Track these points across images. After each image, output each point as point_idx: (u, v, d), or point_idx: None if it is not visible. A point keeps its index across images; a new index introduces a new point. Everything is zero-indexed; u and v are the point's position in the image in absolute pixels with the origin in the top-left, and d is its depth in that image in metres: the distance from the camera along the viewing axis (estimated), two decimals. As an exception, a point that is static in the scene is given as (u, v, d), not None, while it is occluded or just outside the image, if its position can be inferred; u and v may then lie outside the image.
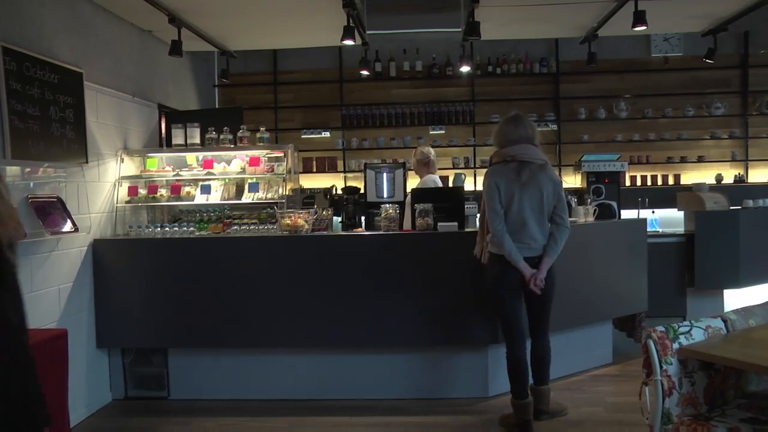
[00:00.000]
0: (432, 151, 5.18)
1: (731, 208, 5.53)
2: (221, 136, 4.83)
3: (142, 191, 4.82)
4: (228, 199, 4.81)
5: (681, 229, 5.59)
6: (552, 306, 3.79)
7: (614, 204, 4.96)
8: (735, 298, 5.42)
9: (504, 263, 3.62)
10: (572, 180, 6.81)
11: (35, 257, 3.74)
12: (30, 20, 3.77)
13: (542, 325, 3.80)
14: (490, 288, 3.76)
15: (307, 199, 5.35)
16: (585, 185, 5.13)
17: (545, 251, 3.64)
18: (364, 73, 6.87)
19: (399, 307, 4.17)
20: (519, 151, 3.61)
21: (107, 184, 4.60)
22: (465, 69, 6.84)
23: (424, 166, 5.08)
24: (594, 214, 4.74)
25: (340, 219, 5.25)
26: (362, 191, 5.35)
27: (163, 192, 4.84)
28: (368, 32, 5.55)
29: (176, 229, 4.59)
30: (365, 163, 5.34)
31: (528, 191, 3.59)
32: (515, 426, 3.73)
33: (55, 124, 3.88)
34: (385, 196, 5.05)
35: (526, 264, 3.60)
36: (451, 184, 6.36)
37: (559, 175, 6.29)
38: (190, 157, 5.02)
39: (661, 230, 5.64)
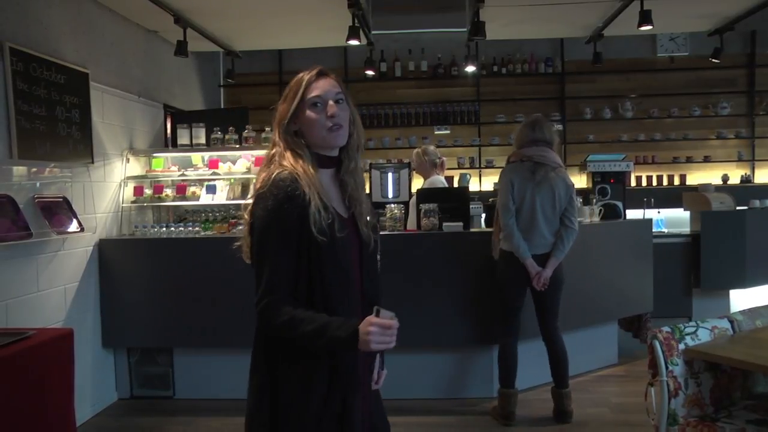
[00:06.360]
0: (437, 151, 5.18)
1: (737, 208, 5.51)
2: (227, 136, 4.84)
3: (148, 191, 4.84)
4: (233, 199, 4.81)
5: (687, 230, 5.56)
6: (559, 306, 3.84)
7: (620, 204, 4.95)
8: (741, 299, 5.39)
9: (513, 259, 3.71)
10: (578, 180, 6.73)
11: (41, 257, 3.76)
12: (36, 21, 3.78)
13: (550, 324, 3.83)
14: (498, 282, 3.86)
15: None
16: (590, 185, 5.11)
17: (552, 251, 3.72)
18: (369, 73, 6.87)
19: (402, 306, 4.13)
20: (535, 152, 3.72)
21: (113, 184, 4.61)
22: (470, 69, 6.84)
23: (434, 167, 5.07)
24: (599, 214, 4.74)
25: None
26: (367, 191, 5.34)
27: (168, 192, 4.85)
28: (373, 32, 5.56)
29: (182, 229, 4.60)
30: (370, 163, 5.34)
31: (541, 191, 3.69)
32: (500, 416, 3.84)
33: (61, 124, 3.89)
34: (390, 196, 5.04)
35: (533, 262, 3.68)
36: (456, 184, 6.36)
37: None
38: (196, 157, 5.03)
39: (666, 230, 5.61)
